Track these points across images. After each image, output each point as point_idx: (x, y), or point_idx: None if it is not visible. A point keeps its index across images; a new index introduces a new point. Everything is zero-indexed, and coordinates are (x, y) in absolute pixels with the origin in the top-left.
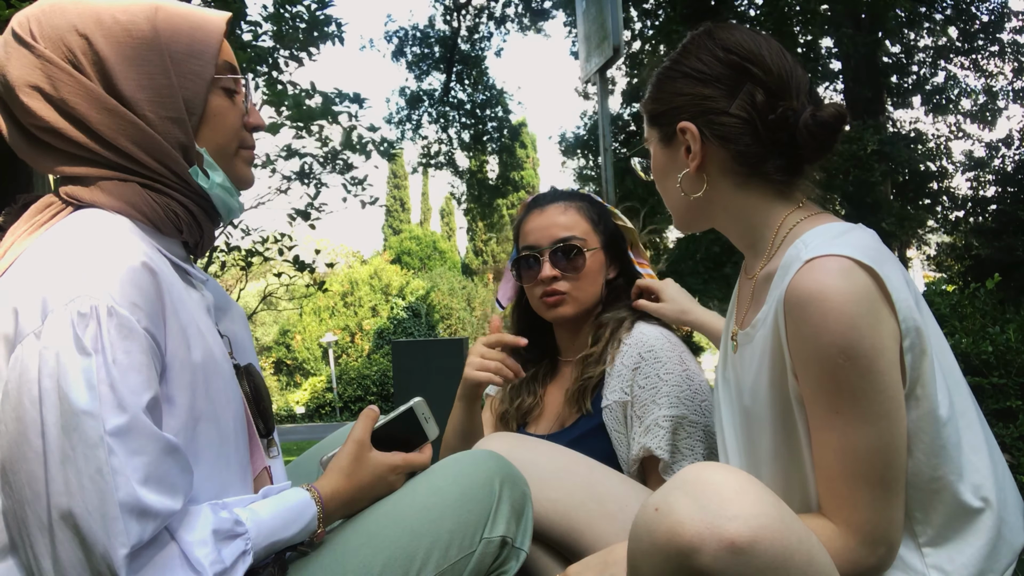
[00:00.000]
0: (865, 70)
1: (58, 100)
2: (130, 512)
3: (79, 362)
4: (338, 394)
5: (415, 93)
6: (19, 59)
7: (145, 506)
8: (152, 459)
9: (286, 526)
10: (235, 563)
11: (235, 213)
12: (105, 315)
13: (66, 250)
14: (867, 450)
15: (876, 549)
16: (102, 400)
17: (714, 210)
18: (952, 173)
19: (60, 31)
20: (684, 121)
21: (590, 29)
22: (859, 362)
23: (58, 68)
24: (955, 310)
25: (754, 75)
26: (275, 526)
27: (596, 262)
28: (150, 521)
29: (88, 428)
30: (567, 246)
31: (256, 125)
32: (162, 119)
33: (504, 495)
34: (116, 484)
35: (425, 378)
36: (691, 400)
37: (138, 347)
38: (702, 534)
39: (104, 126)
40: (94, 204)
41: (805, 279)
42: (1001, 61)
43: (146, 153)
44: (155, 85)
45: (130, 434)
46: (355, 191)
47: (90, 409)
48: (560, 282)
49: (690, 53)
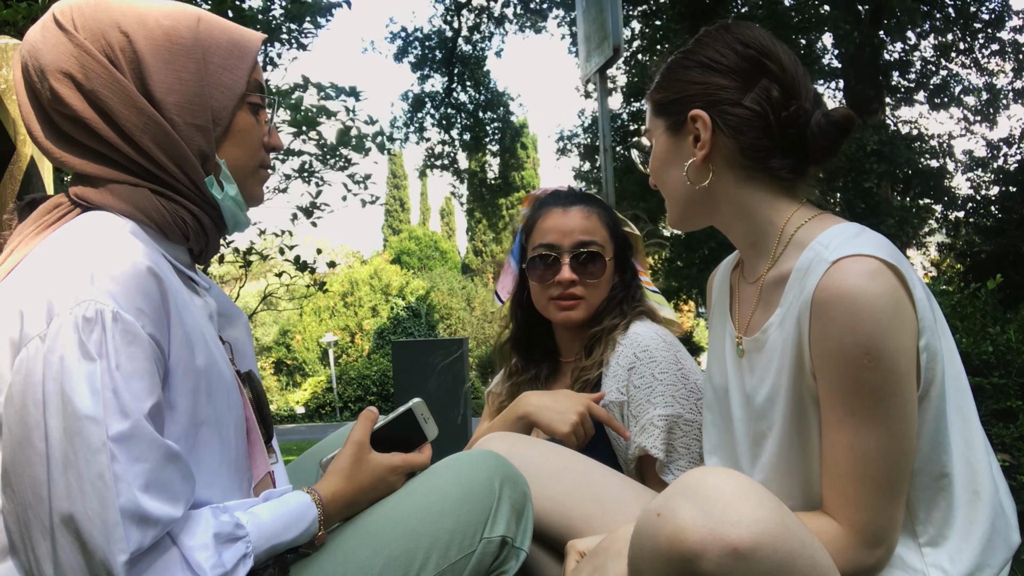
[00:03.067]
0: (865, 69)
1: (89, 91)
2: (131, 518)
3: (83, 367)
4: (338, 394)
5: (418, 96)
6: (55, 45)
7: (145, 513)
8: (153, 466)
9: (287, 529)
10: (236, 566)
11: (242, 227)
12: (110, 320)
13: (72, 253)
14: (878, 451)
15: (876, 549)
16: (105, 406)
17: (717, 204)
18: (953, 173)
19: (102, 25)
20: (696, 109)
21: (590, 29)
22: (882, 363)
23: (94, 59)
24: (956, 310)
25: (770, 71)
26: (276, 529)
27: (611, 270)
28: (150, 528)
29: (90, 433)
30: (590, 253)
31: (276, 146)
32: (188, 125)
33: (504, 495)
34: (118, 490)
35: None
36: (686, 399)
37: (142, 353)
38: (704, 540)
39: (130, 123)
40: (103, 206)
41: (835, 279)
42: (1002, 60)
43: (166, 156)
44: (186, 92)
45: (132, 440)
46: (356, 190)
47: (93, 414)
48: (577, 287)
49: (706, 44)
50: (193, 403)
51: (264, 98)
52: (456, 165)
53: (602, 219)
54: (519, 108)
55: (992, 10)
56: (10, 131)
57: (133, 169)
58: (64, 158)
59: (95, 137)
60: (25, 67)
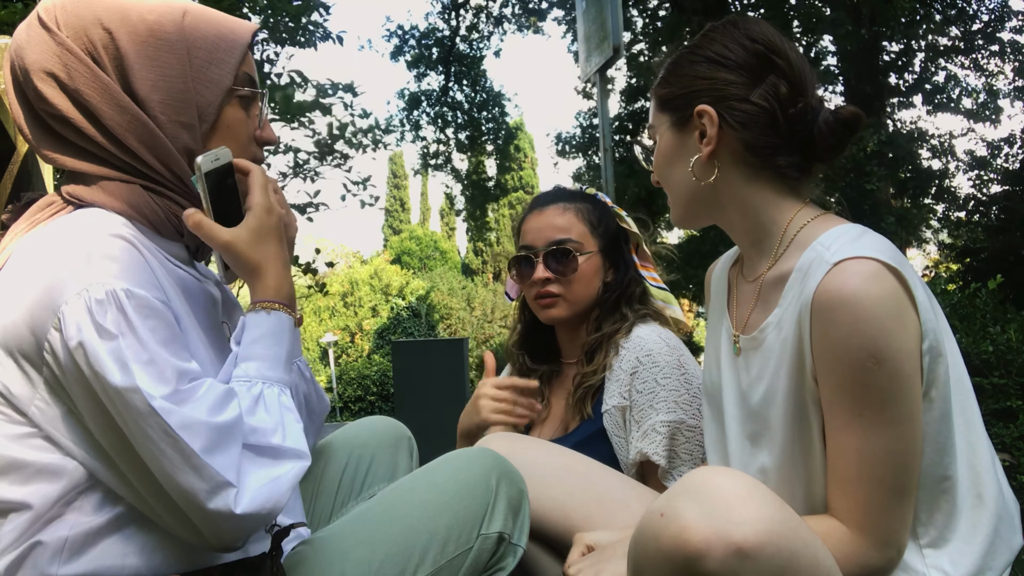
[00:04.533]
0: (865, 69)
1: (72, 90)
2: (211, 450)
3: (105, 346)
4: (338, 394)
5: (414, 94)
6: (39, 44)
7: (219, 429)
8: (208, 401)
9: (279, 347)
10: (280, 399)
11: None
12: (124, 297)
13: (67, 242)
14: (886, 454)
15: (886, 552)
16: (141, 376)
17: (721, 201)
18: (953, 173)
19: (85, 22)
20: (703, 104)
21: (590, 29)
22: (887, 365)
23: (76, 58)
24: (956, 310)
25: (779, 67)
26: (274, 355)
27: (591, 265)
28: (230, 438)
29: (136, 402)
30: (560, 249)
31: (268, 140)
32: (173, 122)
33: (501, 491)
34: (189, 437)
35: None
36: (689, 404)
37: (163, 323)
38: (708, 539)
39: (114, 122)
40: (95, 204)
41: (835, 282)
42: (1001, 61)
43: (152, 154)
44: (171, 88)
45: (181, 398)
46: (355, 190)
47: (129, 385)
48: (553, 284)
49: (713, 40)
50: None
51: (255, 91)
52: (451, 164)
53: (580, 214)
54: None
55: (992, 10)
56: (10, 131)
57: (122, 167)
58: (54, 156)
59: (81, 136)
60: (12, 67)
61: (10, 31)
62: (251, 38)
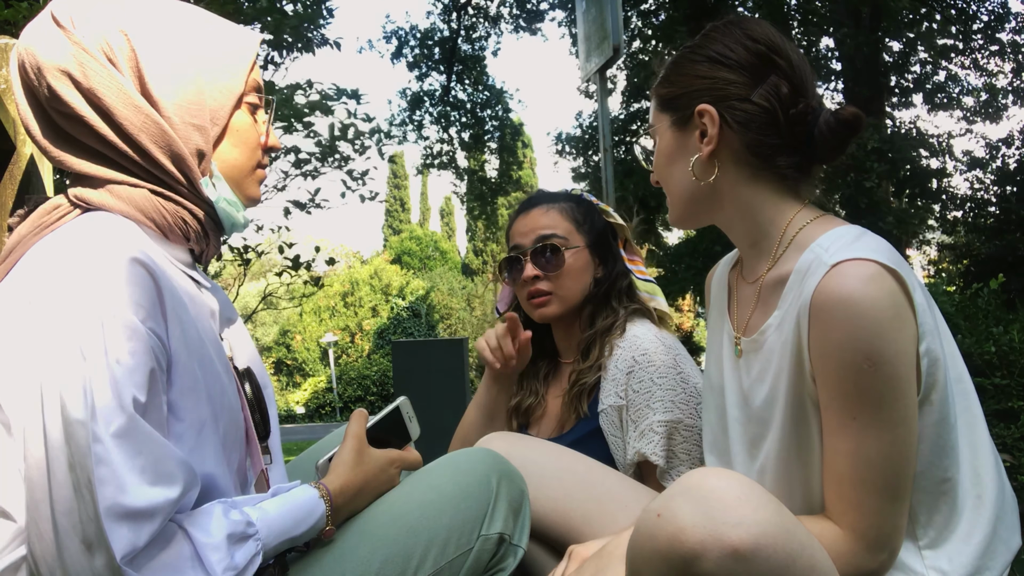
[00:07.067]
0: (865, 69)
1: (87, 89)
2: (120, 518)
3: (78, 368)
4: (338, 394)
5: (416, 94)
6: (53, 42)
7: (138, 508)
8: (155, 455)
9: (296, 524)
10: (247, 566)
11: (239, 228)
12: (107, 318)
13: (67, 255)
14: (880, 456)
15: (879, 554)
16: (99, 406)
17: (721, 201)
18: (952, 172)
19: (101, 23)
20: (704, 104)
21: (590, 29)
22: (883, 368)
23: (92, 58)
24: (959, 310)
25: (780, 67)
26: (285, 525)
27: (579, 260)
28: (146, 521)
29: (80, 437)
30: (546, 245)
31: (273, 147)
32: (186, 124)
33: (501, 492)
34: (103, 495)
35: (425, 378)
36: (686, 404)
37: (141, 347)
38: (704, 541)
39: (128, 122)
40: (102, 207)
41: (833, 283)
42: (1001, 61)
43: (164, 155)
44: (185, 91)
45: (130, 435)
46: (354, 186)
47: (83, 418)
48: (543, 282)
49: (714, 39)
50: (194, 401)
51: (262, 98)
52: (455, 164)
53: (564, 212)
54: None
55: (992, 11)
56: (10, 131)
57: (132, 169)
58: (62, 157)
59: (93, 136)
60: (22, 65)
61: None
62: (258, 46)
